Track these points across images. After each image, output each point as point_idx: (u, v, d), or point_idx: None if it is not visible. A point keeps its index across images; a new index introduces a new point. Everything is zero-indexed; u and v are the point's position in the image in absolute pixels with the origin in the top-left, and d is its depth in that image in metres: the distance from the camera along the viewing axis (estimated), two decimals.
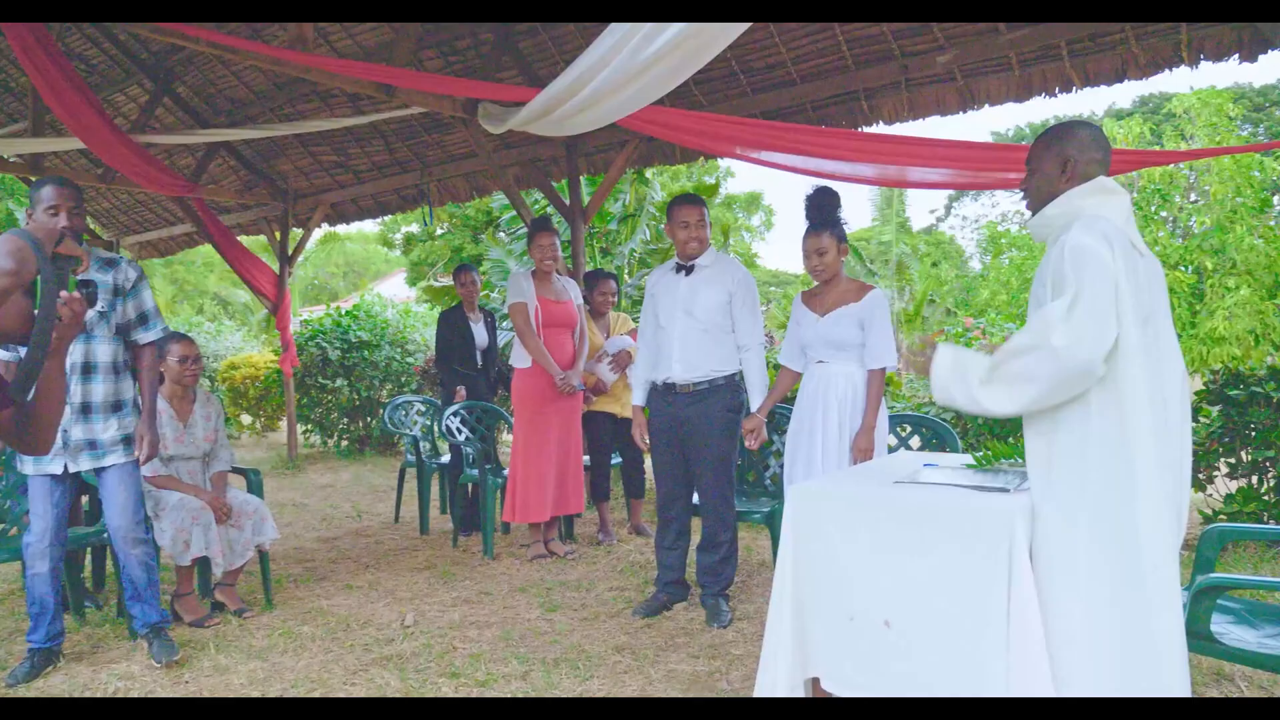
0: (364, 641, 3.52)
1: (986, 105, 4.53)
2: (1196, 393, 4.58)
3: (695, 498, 3.86)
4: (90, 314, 3.19)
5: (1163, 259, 11.00)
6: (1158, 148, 12.21)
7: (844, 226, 3.57)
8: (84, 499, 4.12)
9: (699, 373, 3.70)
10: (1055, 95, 4.34)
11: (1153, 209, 11.65)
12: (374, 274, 37.16)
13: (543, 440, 4.66)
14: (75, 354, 3.17)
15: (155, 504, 3.69)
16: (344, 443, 9.41)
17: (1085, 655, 2.04)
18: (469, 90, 4.27)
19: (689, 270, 3.74)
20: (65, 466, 3.15)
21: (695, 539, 3.93)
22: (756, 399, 3.69)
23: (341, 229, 21.55)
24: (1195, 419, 4.51)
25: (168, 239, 10.31)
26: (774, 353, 5.18)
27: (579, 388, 4.72)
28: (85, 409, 3.20)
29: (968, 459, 2.77)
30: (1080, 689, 2.04)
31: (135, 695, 3.01)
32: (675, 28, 2.89)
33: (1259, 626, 2.20)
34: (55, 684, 3.11)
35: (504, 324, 8.64)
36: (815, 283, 3.60)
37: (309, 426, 9.44)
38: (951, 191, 24.89)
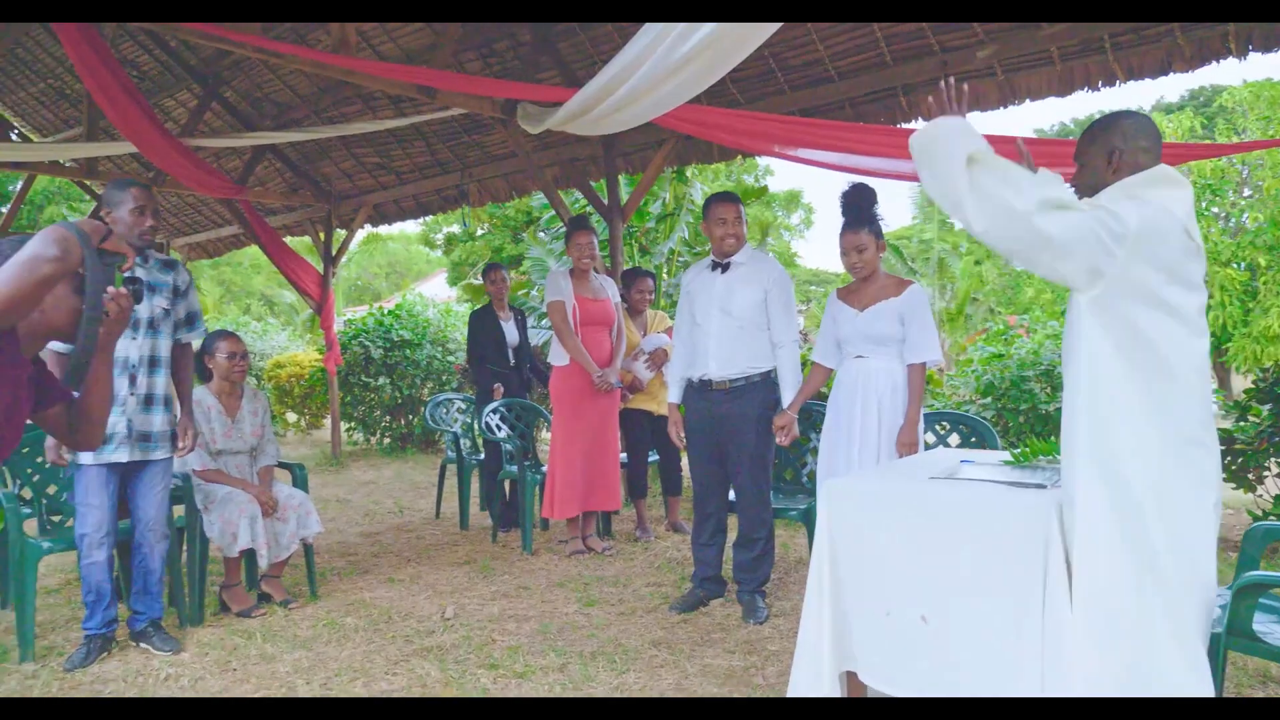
0: (405, 633, 3.59)
1: (1027, 100, 4.49)
2: (1245, 391, 4.48)
3: (732, 494, 3.88)
4: (156, 310, 3.33)
5: (1214, 255, 10.73)
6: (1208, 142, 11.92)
7: (881, 223, 3.56)
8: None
9: (735, 370, 3.72)
10: (1098, 89, 4.28)
11: (1204, 205, 11.38)
12: (416, 274, 37.64)
13: (580, 437, 4.70)
14: (143, 348, 3.32)
15: (204, 497, 3.80)
16: (386, 440, 9.57)
17: (1111, 645, 2.02)
18: (507, 91, 4.33)
19: (725, 268, 3.76)
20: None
21: (732, 536, 3.95)
22: (788, 395, 3.69)
23: (383, 230, 21.84)
24: (1244, 418, 4.42)
25: (216, 240, 10.57)
26: (808, 350, 5.17)
27: (616, 385, 4.76)
28: (148, 400, 3.33)
29: (1005, 455, 2.76)
30: (1105, 682, 2.02)
31: (185, 680, 3.12)
32: (709, 26, 2.92)
33: None
34: (110, 669, 3.22)
35: (542, 322, 8.73)
36: (853, 279, 3.60)
37: (352, 424, 9.61)
38: None
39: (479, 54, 5.99)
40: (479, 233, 16.72)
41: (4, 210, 17.11)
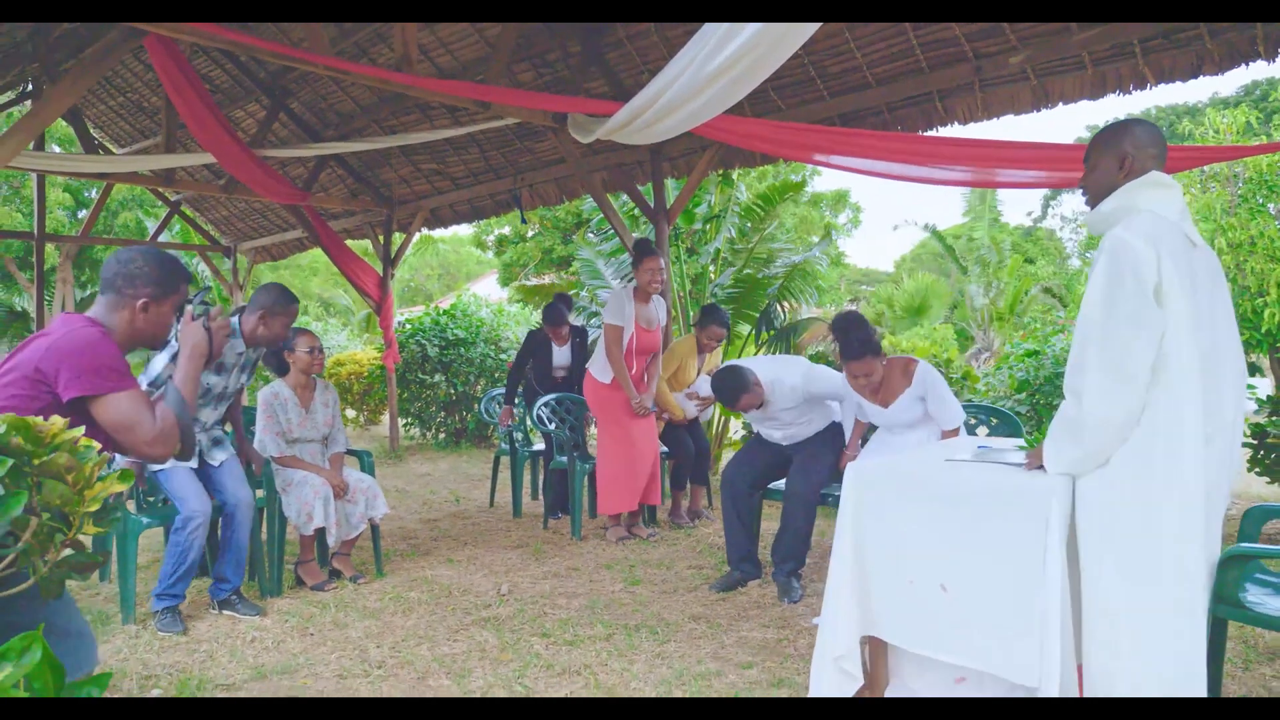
0: (464, 606, 3.91)
1: (1060, 103, 4.63)
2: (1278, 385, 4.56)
3: (783, 484, 4.14)
4: (236, 385, 4.01)
5: (1271, 253, 10.58)
6: (1265, 139, 11.74)
7: (876, 340, 3.74)
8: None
9: (801, 437, 4.21)
10: (1129, 93, 4.41)
11: (1259, 200, 11.22)
12: (467, 275, 38.37)
13: (624, 441, 5.03)
14: (218, 413, 3.98)
15: (282, 481, 4.17)
16: (441, 435, 9.97)
17: (1122, 628, 2.21)
18: (558, 105, 4.63)
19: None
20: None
21: (765, 526, 4.19)
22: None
23: (436, 233, 22.47)
24: (1277, 413, 4.50)
25: (280, 244, 11.10)
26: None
27: (651, 409, 5.08)
28: (215, 441, 3.96)
29: (1020, 442, 2.96)
30: (1112, 660, 2.21)
31: (269, 641, 3.47)
32: (742, 36, 3.15)
33: None
34: (201, 631, 3.59)
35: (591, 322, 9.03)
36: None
37: (409, 419, 10.03)
38: (1047, 191, 24.20)
39: (531, 64, 6.31)
40: (529, 235, 17.14)
41: (82, 215, 18.03)
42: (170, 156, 6.97)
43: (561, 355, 5.88)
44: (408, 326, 9.88)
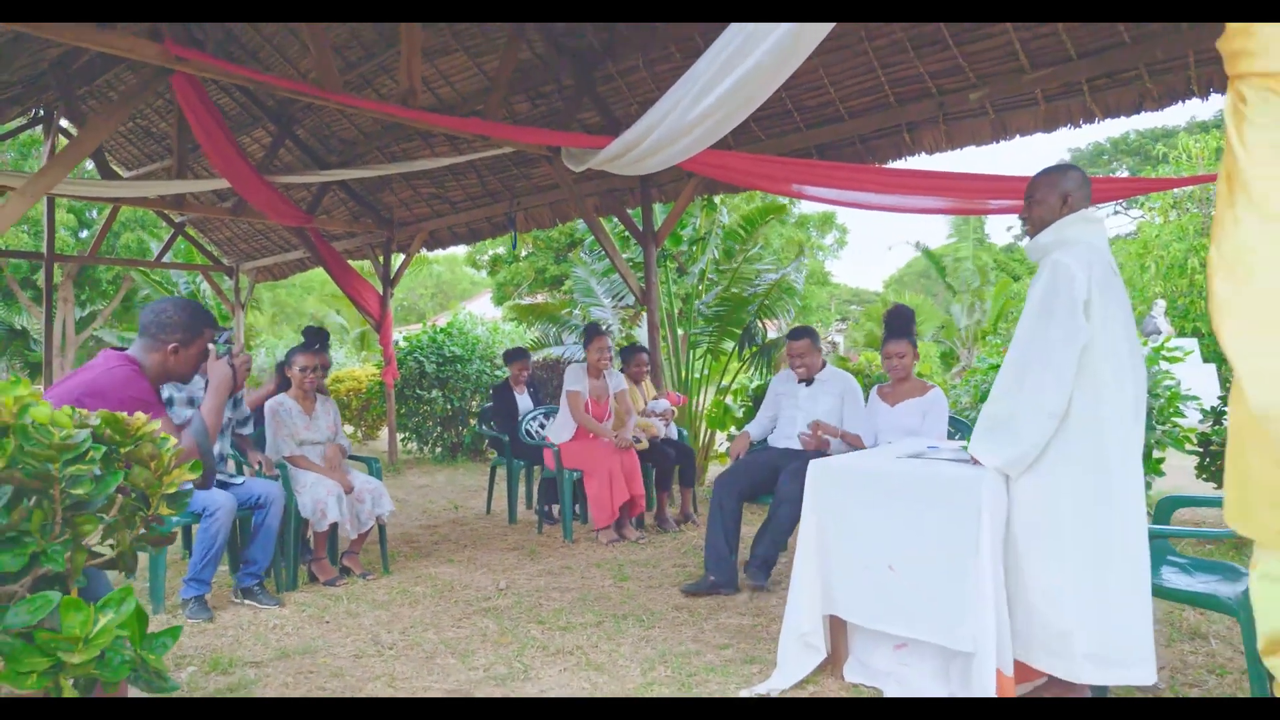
0: (466, 598, 4.25)
1: (1018, 136, 5.04)
2: (1219, 396, 4.96)
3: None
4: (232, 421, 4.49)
5: None
6: None
7: (915, 336, 4.32)
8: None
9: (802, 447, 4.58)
10: (1079, 126, 4.82)
11: None
12: (461, 294, 38.78)
13: (604, 463, 5.43)
14: (223, 446, 4.45)
15: (296, 481, 4.52)
16: (438, 449, 10.30)
17: (1069, 605, 2.55)
18: (555, 140, 5.03)
19: (809, 382, 4.67)
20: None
21: (745, 531, 4.53)
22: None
23: (431, 253, 22.84)
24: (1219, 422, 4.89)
25: (281, 264, 11.47)
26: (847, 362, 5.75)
27: (634, 441, 5.58)
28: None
29: (963, 443, 3.33)
30: (1062, 633, 2.54)
31: (289, 628, 3.80)
32: (726, 82, 3.53)
33: (1195, 575, 2.71)
34: (227, 619, 3.92)
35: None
36: (890, 381, 4.36)
37: (407, 434, 10.36)
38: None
39: (527, 96, 6.72)
40: (523, 255, 17.54)
41: (84, 235, 18.37)
42: (186, 182, 7.33)
43: (525, 402, 6.63)
44: (405, 344, 10.23)
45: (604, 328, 6.41)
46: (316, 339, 5.28)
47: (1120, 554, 2.47)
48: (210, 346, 2.73)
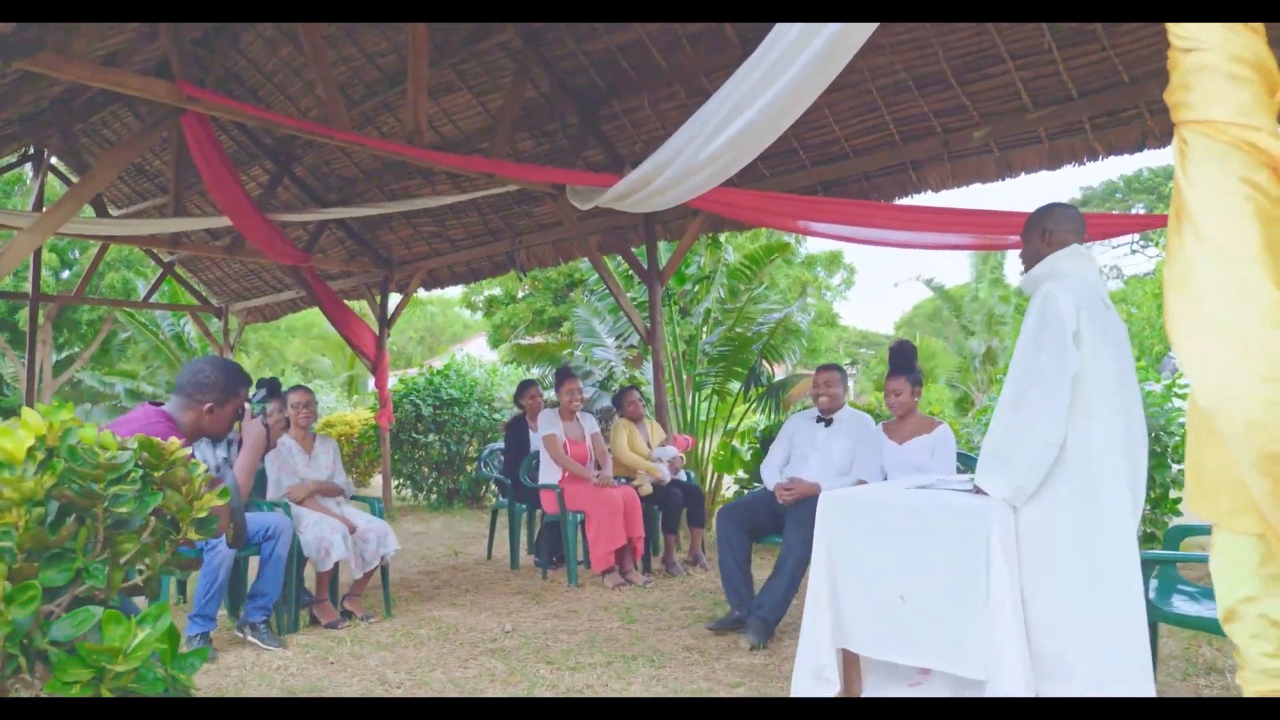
0: (472, 640, 4.40)
1: (1022, 174, 5.31)
2: None
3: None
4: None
5: None
6: None
7: (919, 373, 4.55)
8: None
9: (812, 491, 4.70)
10: (1083, 164, 5.10)
11: None
12: (452, 338, 39.08)
13: (605, 503, 5.62)
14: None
15: (297, 520, 4.69)
16: (433, 495, 10.44)
17: (1067, 633, 2.74)
18: (561, 178, 5.30)
19: (828, 422, 4.83)
20: None
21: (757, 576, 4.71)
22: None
23: (422, 294, 23.17)
24: None
25: (273, 305, 11.72)
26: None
27: (615, 483, 5.84)
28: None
29: (972, 476, 3.52)
30: (1061, 656, 2.73)
31: (294, 669, 3.95)
32: (737, 124, 3.79)
33: (1203, 602, 2.89)
34: (230, 660, 4.07)
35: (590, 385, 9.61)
36: (895, 418, 4.57)
37: (401, 480, 10.51)
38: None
39: (530, 134, 7.02)
40: (520, 295, 17.83)
41: (65, 276, 18.67)
42: (184, 220, 7.62)
43: (538, 439, 6.62)
44: (401, 386, 10.43)
45: (573, 369, 6.80)
46: (273, 386, 5.47)
47: (1113, 580, 2.65)
48: (245, 406, 2.94)
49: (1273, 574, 1.23)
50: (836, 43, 3.07)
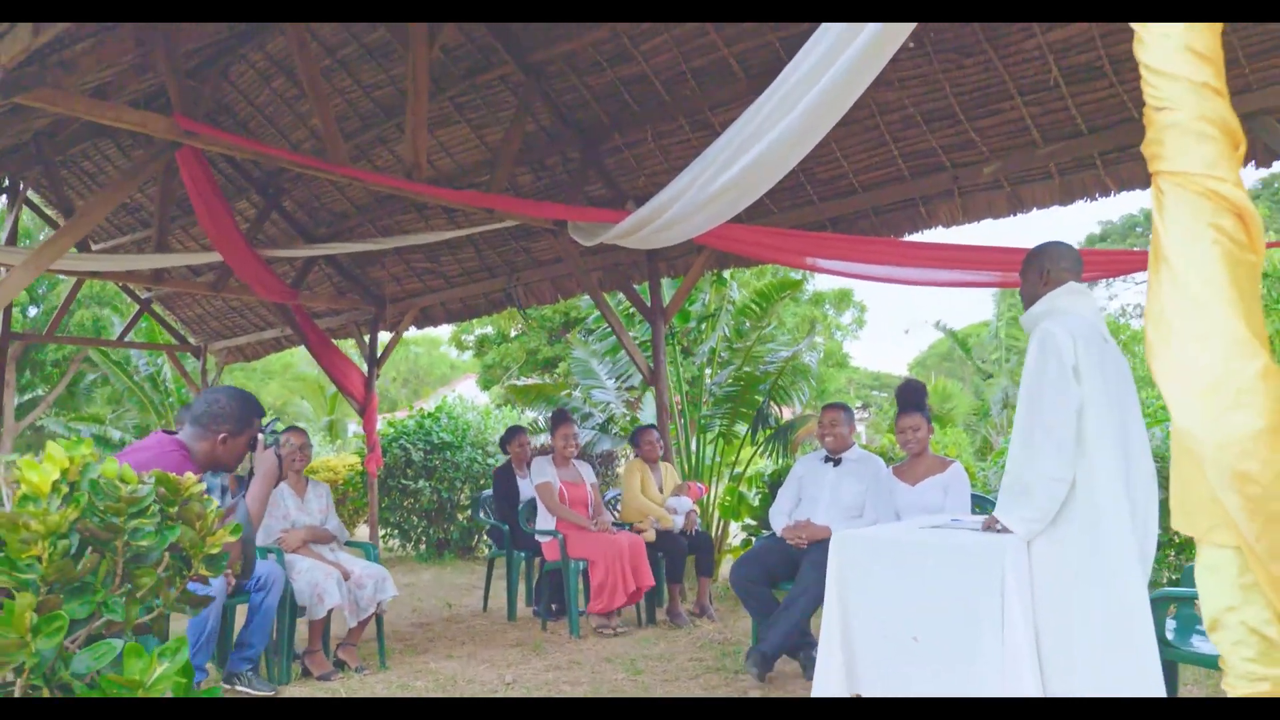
0: (471, 692, 4.52)
1: (1034, 209, 5.55)
2: None
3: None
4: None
5: None
6: (1276, 234, 12.90)
7: (929, 410, 4.77)
8: None
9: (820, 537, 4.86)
10: (1095, 199, 5.34)
11: (1274, 296, 12.27)
12: (438, 379, 39.25)
13: (607, 546, 5.79)
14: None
15: (290, 566, 4.84)
16: (422, 545, 10.53)
17: (1078, 662, 2.91)
18: (565, 214, 5.53)
19: (837, 462, 5.02)
20: None
21: None
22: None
23: (410, 333, 23.42)
24: None
25: (255, 344, 11.90)
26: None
27: (612, 529, 6.02)
28: None
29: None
30: (1072, 693, 2.89)
31: None
32: (746, 158, 4.01)
33: None
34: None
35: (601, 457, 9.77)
36: (906, 458, 4.75)
37: (388, 529, 10.61)
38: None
39: (530, 168, 7.27)
40: (513, 334, 18.06)
41: (33, 313, 18.87)
42: (172, 255, 7.85)
43: (526, 488, 6.85)
44: (390, 430, 10.57)
45: (570, 413, 7.00)
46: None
47: (1120, 614, 2.82)
48: (259, 436, 3.12)
49: (1250, 584, 1.41)
50: (850, 75, 3.28)
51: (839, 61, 3.25)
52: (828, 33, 3.25)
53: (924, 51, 5.12)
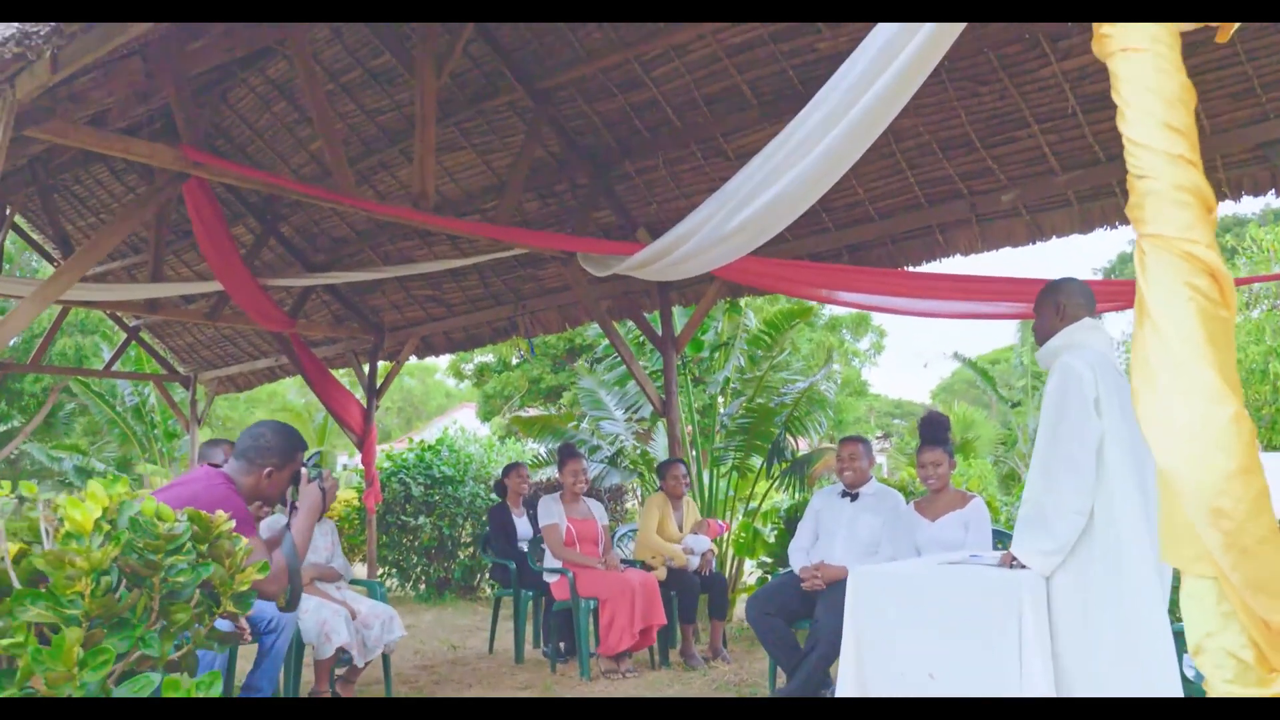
0: None
1: (1053, 237, 5.79)
2: None
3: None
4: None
5: None
6: None
7: (951, 445, 4.96)
8: None
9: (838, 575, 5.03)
10: (1115, 227, 5.58)
11: None
12: (434, 410, 39.48)
13: (619, 585, 6.00)
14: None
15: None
16: (422, 585, 10.70)
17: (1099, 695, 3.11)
18: (576, 245, 5.79)
19: (854, 497, 5.23)
20: None
21: None
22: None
23: (411, 361, 23.70)
24: None
25: (248, 373, 12.14)
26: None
27: (620, 566, 6.26)
28: None
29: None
30: None
31: None
32: (766, 195, 4.24)
33: None
34: None
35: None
36: (927, 493, 4.95)
37: (387, 568, 10.78)
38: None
39: (538, 194, 7.55)
40: (515, 361, 18.32)
41: (14, 341, 19.18)
42: (170, 285, 8.14)
43: (524, 526, 7.09)
44: (389, 463, 10.78)
45: (579, 449, 7.18)
46: None
47: (1146, 648, 3.02)
48: (302, 469, 3.36)
49: (1227, 612, 1.64)
50: (875, 109, 3.47)
51: (869, 92, 3.37)
52: (856, 63, 3.36)
53: (939, 80, 5.37)
